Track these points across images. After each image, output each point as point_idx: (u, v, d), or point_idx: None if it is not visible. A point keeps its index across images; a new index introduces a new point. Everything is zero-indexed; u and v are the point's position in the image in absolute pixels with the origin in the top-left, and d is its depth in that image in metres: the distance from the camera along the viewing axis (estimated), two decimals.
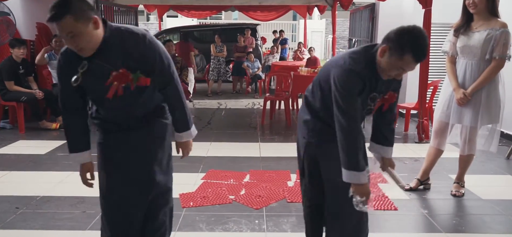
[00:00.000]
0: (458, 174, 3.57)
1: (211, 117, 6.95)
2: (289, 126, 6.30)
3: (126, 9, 8.31)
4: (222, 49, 9.53)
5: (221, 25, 15.06)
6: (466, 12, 3.17)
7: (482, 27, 3.08)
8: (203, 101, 8.72)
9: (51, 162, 4.38)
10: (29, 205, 3.27)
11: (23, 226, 2.93)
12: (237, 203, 3.35)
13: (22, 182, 3.83)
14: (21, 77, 5.78)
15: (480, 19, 3.09)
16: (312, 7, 12.62)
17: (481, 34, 3.05)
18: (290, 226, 2.97)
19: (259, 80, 9.74)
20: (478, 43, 3.06)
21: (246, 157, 4.63)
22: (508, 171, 4.24)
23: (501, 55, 3.02)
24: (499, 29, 3.01)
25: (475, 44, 3.08)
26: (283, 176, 3.97)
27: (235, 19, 21.50)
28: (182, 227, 2.94)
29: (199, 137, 5.59)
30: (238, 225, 2.98)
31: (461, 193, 3.51)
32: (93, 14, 1.79)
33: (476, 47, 3.08)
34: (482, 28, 3.07)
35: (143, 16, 23.30)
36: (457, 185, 3.56)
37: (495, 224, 3.04)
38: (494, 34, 3.01)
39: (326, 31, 21.12)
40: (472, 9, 3.07)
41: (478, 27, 3.10)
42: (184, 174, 3.98)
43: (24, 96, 5.64)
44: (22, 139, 5.36)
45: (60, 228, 2.91)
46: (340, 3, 8.58)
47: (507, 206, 3.33)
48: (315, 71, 6.30)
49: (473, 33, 3.10)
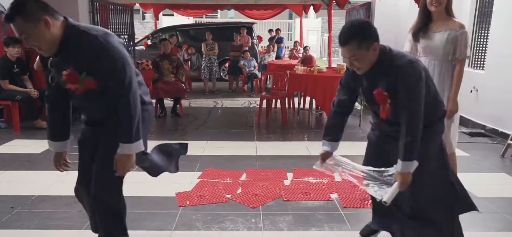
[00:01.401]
0: None
1: (207, 116, 6.94)
2: (285, 124, 6.31)
3: (121, 7, 8.26)
4: (213, 47, 9.47)
5: (217, 23, 15.04)
6: (424, 13, 3.14)
7: (441, 27, 3.07)
8: (199, 100, 8.70)
9: (46, 161, 4.35)
10: (24, 204, 3.25)
11: (18, 225, 2.92)
12: (234, 202, 3.35)
13: (17, 181, 3.81)
14: (15, 76, 5.74)
15: (439, 19, 3.09)
16: (308, 5, 12.63)
17: (442, 34, 3.06)
18: (286, 225, 2.97)
19: (255, 79, 9.74)
20: (440, 43, 3.07)
21: (243, 155, 4.63)
22: (503, 169, 4.26)
23: (463, 56, 3.06)
24: (459, 30, 3.03)
25: (437, 45, 3.08)
26: (280, 174, 3.98)
27: (231, 18, 21.45)
28: (179, 226, 2.94)
29: (196, 136, 5.64)
30: (234, 223, 2.98)
31: None
32: (45, 14, 1.86)
33: (438, 48, 3.07)
34: (442, 29, 3.07)
35: (139, 14, 23.21)
36: None
37: (491, 221, 3.06)
38: (454, 35, 3.03)
39: (322, 30, 21.12)
40: (435, 7, 3.02)
41: (438, 27, 3.09)
42: (180, 173, 3.94)
43: (19, 95, 5.61)
44: (17, 138, 5.33)
45: (56, 227, 2.90)
46: (336, 2, 8.60)
47: (502, 204, 3.35)
48: (311, 70, 6.30)
49: (434, 34, 3.10)
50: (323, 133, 2.54)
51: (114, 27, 7.95)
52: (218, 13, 22.42)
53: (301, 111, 7.14)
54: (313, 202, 3.37)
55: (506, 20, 5.42)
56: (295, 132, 5.85)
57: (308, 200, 3.40)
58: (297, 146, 5.10)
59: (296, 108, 7.23)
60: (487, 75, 5.78)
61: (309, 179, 3.87)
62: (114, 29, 7.95)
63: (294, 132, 5.86)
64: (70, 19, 2.00)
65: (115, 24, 7.99)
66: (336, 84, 5.93)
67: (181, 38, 11.90)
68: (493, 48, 5.66)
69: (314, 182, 3.77)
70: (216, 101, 8.57)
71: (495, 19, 5.66)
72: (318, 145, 5.21)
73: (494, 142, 5.25)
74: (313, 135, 5.66)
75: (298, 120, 6.73)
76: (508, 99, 5.25)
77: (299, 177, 3.92)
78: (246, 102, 8.50)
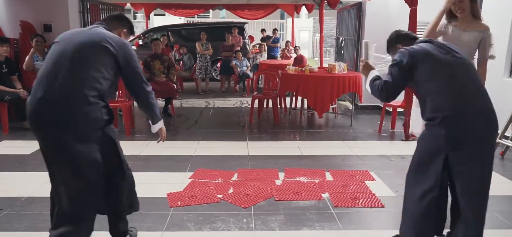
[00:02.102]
0: None
1: (199, 116, 6.92)
2: (277, 124, 6.31)
3: (112, 7, 8.21)
4: (208, 46, 9.49)
5: (208, 23, 15.01)
6: (450, 14, 3.43)
7: (470, 28, 3.34)
8: (191, 100, 8.68)
9: (36, 162, 4.31)
10: (13, 206, 3.22)
11: (7, 228, 2.89)
12: (225, 202, 3.34)
13: (6, 183, 3.76)
14: (4, 76, 5.67)
15: (465, 21, 3.36)
16: (299, 6, 12.65)
17: (471, 34, 3.34)
18: (278, 225, 2.98)
19: (247, 79, 9.73)
20: (467, 43, 3.32)
21: (234, 155, 4.63)
22: (493, 168, 4.29)
23: (490, 55, 3.37)
24: (486, 32, 3.33)
25: (465, 43, 3.31)
26: (271, 174, 3.98)
27: (223, 18, 21.43)
28: (170, 226, 2.93)
29: (187, 136, 5.62)
30: (226, 224, 2.97)
31: None
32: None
33: (466, 47, 3.28)
34: (471, 29, 3.34)
35: (130, 14, 23.09)
36: None
37: None
38: (482, 36, 3.33)
39: (314, 30, 21.20)
40: (460, 13, 3.33)
41: (466, 27, 3.35)
42: (171, 173, 3.96)
43: (7, 96, 5.55)
44: (6, 139, 5.27)
45: (45, 229, 2.85)
46: (328, 2, 8.62)
47: (492, 202, 3.35)
48: (303, 70, 6.31)
49: (463, 33, 3.36)
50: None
51: None
52: (210, 13, 22.38)
53: (292, 111, 7.15)
54: (304, 201, 3.38)
55: (494, 21, 5.48)
56: (286, 132, 5.86)
57: (299, 199, 3.41)
58: (289, 146, 5.11)
59: (288, 108, 7.24)
60: None
61: (301, 178, 3.88)
62: None
63: (286, 132, 5.86)
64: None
65: None
66: (328, 84, 6.00)
67: (172, 38, 11.86)
68: None
69: (306, 182, 3.78)
70: (207, 101, 8.55)
71: (485, 19, 5.72)
72: (309, 144, 5.26)
73: None
74: (304, 135, 5.67)
75: (290, 120, 6.74)
76: (498, 100, 5.30)
77: (290, 176, 3.93)
78: (238, 102, 8.49)
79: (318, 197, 3.45)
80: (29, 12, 6.65)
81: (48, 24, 6.67)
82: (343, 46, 8.92)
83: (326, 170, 4.13)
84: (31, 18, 6.65)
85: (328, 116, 6.94)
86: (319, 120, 6.61)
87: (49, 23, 6.67)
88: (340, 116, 6.98)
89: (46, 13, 6.66)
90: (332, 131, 5.91)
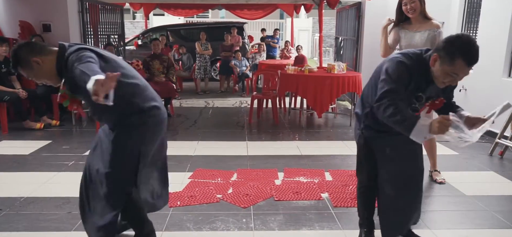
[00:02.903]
0: (431, 162, 3.89)
1: (198, 116, 6.92)
2: (276, 124, 6.31)
3: (111, 7, 8.21)
4: (208, 46, 9.49)
5: (208, 23, 15.01)
6: (400, 15, 3.56)
7: (421, 28, 3.46)
8: (190, 100, 8.68)
9: (35, 162, 4.31)
10: (12, 206, 3.21)
11: (6, 228, 2.88)
12: (225, 202, 3.34)
13: (5, 183, 3.76)
14: (3, 76, 5.66)
15: (417, 22, 3.49)
16: (299, 5, 12.66)
17: (423, 34, 3.45)
18: (277, 224, 2.98)
19: (246, 79, 9.73)
20: (420, 42, 3.41)
21: (234, 155, 4.63)
22: (491, 167, 4.32)
23: None
24: (437, 30, 3.43)
25: (417, 43, 3.40)
26: (271, 174, 3.98)
27: (222, 18, 21.42)
28: (169, 226, 2.93)
29: (187, 136, 5.62)
30: (225, 224, 2.97)
31: (443, 178, 3.81)
32: (32, 57, 2.11)
33: (418, 46, 3.32)
34: (422, 29, 3.46)
35: (129, 14, 23.09)
36: (435, 172, 3.87)
37: (479, 219, 3.09)
38: (433, 35, 3.42)
39: (313, 30, 21.19)
40: (412, 14, 3.45)
41: (418, 28, 3.48)
42: (171, 173, 3.93)
43: (6, 96, 5.54)
44: (5, 139, 5.27)
45: (45, 229, 2.87)
46: (327, 1, 8.61)
47: (490, 202, 3.39)
48: (302, 70, 6.31)
49: (415, 34, 3.48)
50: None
51: (104, 27, 7.89)
52: (209, 13, 22.38)
53: (292, 111, 7.15)
54: (304, 201, 3.38)
55: (493, 20, 5.49)
56: (286, 132, 5.86)
57: (299, 199, 3.41)
58: (288, 146, 5.11)
59: (287, 108, 7.24)
60: (475, 74, 5.82)
61: (300, 178, 3.88)
62: (104, 29, 7.90)
63: (285, 132, 5.86)
64: (65, 44, 2.17)
65: (105, 24, 7.93)
66: (327, 84, 5.99)
67: (172, 38, 11.86)
68: (482, 48, 5.70)
69: (305, 182, 3.78)
70: (207, 101, 8.55)
71: (483, 20, 5.73)
72: (309, 144, 5.26)
73: (482, 140, 5.31)
74: (304, 135, 5.67)
75: (289, 120, 6.74)
76: (497, 100, 5.31)
77: (290, 176, 3.93)
78: (237, 102, 8.49)
79: (318, 197, 3.45)
80: (28, 12, 6.65)
81: (47, 24, 6.67)
82: (342, 46, 8.92)
83: (326, 170, 4.13)
84: (30, 18, 6.65)
85: (327, 116, 6.94)
86: (318, 120, 6.62)
87: (48, 23, 6.67)
88: (340, 116, 6.98)
89: (45, 13, 6.65)
90: (331, 130, 5.92)
